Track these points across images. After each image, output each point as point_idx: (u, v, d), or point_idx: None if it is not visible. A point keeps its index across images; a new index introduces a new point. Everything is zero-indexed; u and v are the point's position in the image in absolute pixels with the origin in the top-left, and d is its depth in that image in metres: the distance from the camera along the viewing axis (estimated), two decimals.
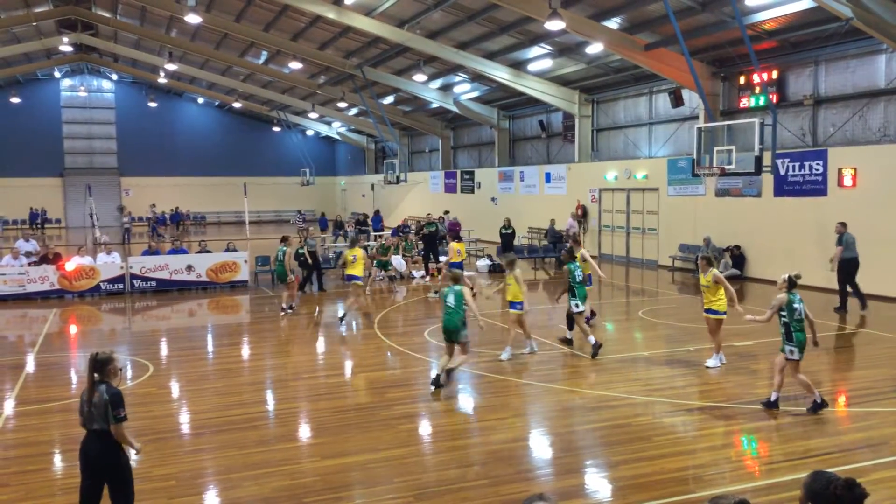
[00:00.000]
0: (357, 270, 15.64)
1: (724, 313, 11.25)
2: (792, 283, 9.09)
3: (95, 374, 5.64)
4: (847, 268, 15.85)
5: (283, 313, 16.41)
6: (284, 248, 16.83)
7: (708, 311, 11.31)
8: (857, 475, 5.90)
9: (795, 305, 8.90)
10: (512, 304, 12.29)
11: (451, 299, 10.60)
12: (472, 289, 17.63)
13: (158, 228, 42.60)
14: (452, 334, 10.44)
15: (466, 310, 10.48)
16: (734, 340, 12.57)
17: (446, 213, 32.87)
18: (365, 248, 22.55)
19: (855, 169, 17.96)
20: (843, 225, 16.07)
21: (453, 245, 19.17)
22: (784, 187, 19.77)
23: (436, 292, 18.67)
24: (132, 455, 5.73)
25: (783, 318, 8.96)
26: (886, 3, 16.32)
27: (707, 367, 11.26)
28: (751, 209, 20.84)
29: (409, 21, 24.90)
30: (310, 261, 19.73)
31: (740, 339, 12.76)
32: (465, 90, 33.68)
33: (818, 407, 8.96)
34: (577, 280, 12.63)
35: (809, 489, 3.52)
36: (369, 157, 53.64)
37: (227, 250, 22.30)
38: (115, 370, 5.70)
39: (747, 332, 12.83)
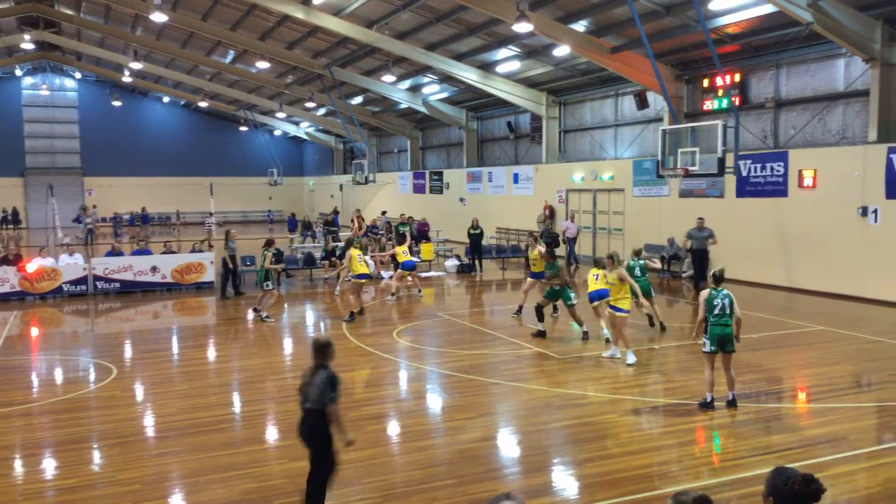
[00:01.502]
0: (365, 269, 16.02)
1: (628, 311, 11.77)
2: (717, 280, 9.30)
3: (317, 358, 6.18)
4: (697, 257, 19.15)
5: (260, 318, 15.83)
6: (266, 252, 16.18)
7: (612, 307, 11.79)
8: (818, 470, 6.04)
9: (715, 301, 9.07)
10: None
11: (637, 271, 13.60)
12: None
13: (118, 229, 41.78)
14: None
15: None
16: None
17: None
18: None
19: (815, 170, 18.34)
20: (702, 220, 19.27)
21: (398, 248, 19.35)
22: (746, 188, 20.12)
23: (392, 294, 18.65)
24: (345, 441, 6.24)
25: (706, 313, 9.16)
26: (845, 9, 16.71)
27: (627, 364, 11.50)
28: (714, 210, 21.14)
29: (377, 22, 24.86)
30: (231, 265, 19.14)
31: None
32: (433, 91, 33.72)
33: (705, 406, 9.15)
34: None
35: (771, 485, 3.61)
36: (338, 158, 53.42)
37: (193, 251, 22.06)
38: (333, 353, 6.26)
39: None
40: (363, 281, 16.07)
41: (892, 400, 9.65)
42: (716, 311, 9.06)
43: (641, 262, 14.06)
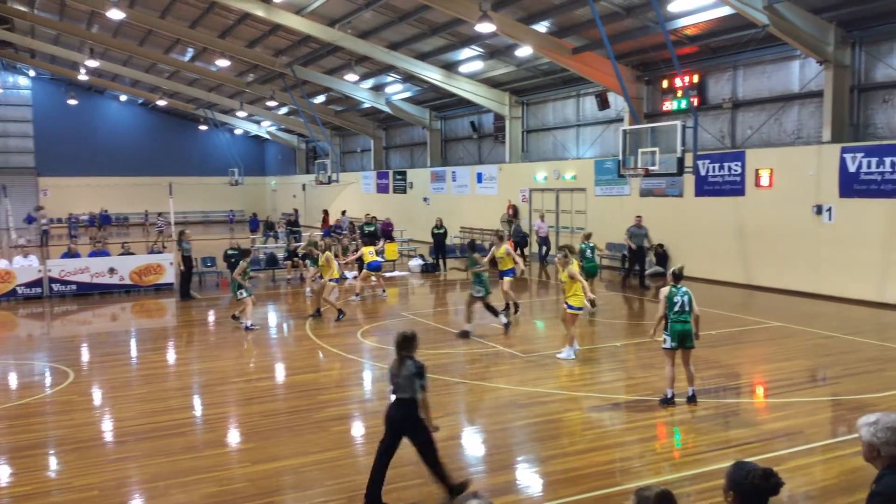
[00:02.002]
0: (336, 272, 16.17)
1: (580, 308, 11.98)
2: (676, 277, 9.43)
3: (402, 351, 6.55)
4: (635, 253, 20.14)
5: (245, 330, 14.87)
6: (243, 261, 15.39)
7: (566, 304, 11.97)
8: (775, 463, 6.15)
9: (675, 298, 9.22)
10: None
11: (589, 253, 15.58)
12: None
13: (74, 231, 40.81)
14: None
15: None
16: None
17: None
18: (295, 251, 22.38)
19: (771, 170, 18.72)
20: (640, 218, 20.20)
21: (365, 249, 19.28)
22: (704, 187, 20.45)
23: (357, 294, 18.59)
24: (432, 429, 6.60)
25: (666, 310, 9.29)
26: (800, 12, 17.09)
27: (559, 359, 11.76)
28: (673, 209, 21.48)
29: (339, 20, 24.72)
30: (182, 266, 18.92)
31: None
32: (397, 90, 33.64)
33: (666, 402, 9.30)
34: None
35: (731, 479, 3.66)
36: (300, 157, 52.99)
37: (152, 252, 21.69)
38: (416, 345, 6.64)
39: None
40: (334, 284, 16.23)
41: (846, 394, 9.89)
42: (675, 308, 9.19)
43: (591, 244, 15.94)
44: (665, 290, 9.32)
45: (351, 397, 10.32)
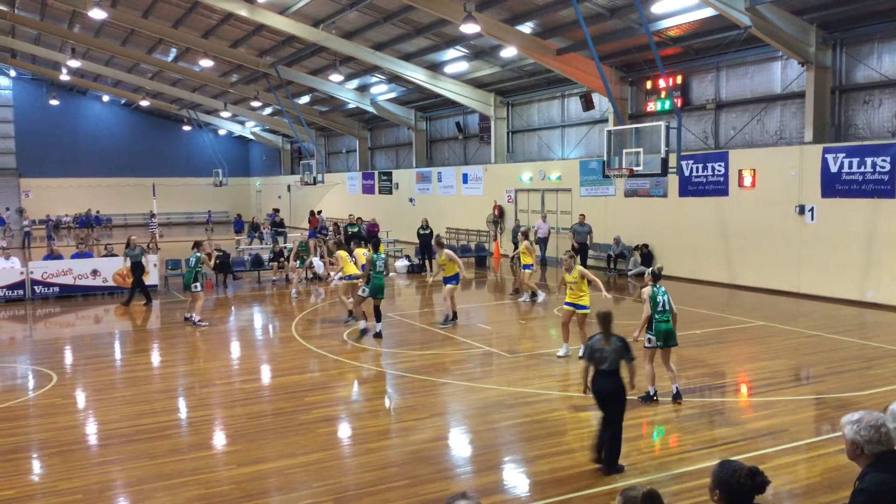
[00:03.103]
0: (354, 269, 15.26)
1: (588, 308, 11.76)
2: (655, 277, 9.51)
3: (607, 328, 7.52)
4: (580, 250, 21.11)
5: (192, 324, 15.24)
6: (198, 254, 15.74)
7: (574, 305, 11.71)
8: (761, 462, 6.21)
9: (658, 298, 9.29)
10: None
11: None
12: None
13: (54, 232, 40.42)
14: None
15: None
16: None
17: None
18: (282, 251, 22.33)
19: (754, 170, 18.87)
20: (583, 216, 21.79)
21: (358, 251, 19.02)
22: (688, 188, 20.58)
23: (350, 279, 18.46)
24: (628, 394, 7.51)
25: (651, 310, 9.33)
26: (781, 13, 17.25)
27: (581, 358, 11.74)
28: (658, 209, 21.59)
29: (324, 20, 24.65)
30: (128, 273, 18.68)
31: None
32: (382, 91, 33.59)
33: (647, 399, 9.37)
34: (377, 270, 13.87)
35: (717, 478, 3.68)
36: (285, 158, 52.79)
37: None
38: (613, 322, 7.64)
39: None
40: (354, 281, 15.03)
41: (829, 392, 9.98)
42: (659, 308, 9.25)
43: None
44: (648, 291, 9.37)
45: (337, 399, 10.29)
